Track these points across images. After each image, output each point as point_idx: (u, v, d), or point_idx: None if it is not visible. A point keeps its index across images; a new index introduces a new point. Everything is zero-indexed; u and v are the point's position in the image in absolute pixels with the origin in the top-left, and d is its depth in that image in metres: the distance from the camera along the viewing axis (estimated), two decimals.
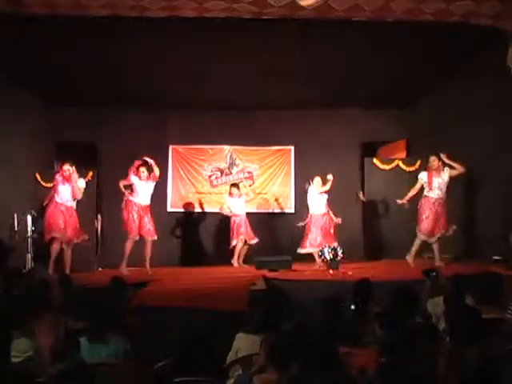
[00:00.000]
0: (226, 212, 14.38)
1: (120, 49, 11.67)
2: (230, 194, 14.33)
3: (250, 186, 15.68)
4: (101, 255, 14.36)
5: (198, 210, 16.04)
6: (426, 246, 13.14)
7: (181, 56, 12.13)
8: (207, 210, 16.00)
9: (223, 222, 14.94)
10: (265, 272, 11.68)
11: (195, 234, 15.85)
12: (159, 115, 15.81)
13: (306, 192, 13.67)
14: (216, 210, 15.15)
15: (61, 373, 4.19)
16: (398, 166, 15.54)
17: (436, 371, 4.93)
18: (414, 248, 12.62)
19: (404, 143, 16.34)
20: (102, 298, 7.29)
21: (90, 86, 13.83)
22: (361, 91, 14.24)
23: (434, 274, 8.48)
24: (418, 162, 15.28)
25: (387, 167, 15.56)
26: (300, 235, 13.53)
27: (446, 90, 13.93)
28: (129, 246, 12.75)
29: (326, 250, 12.38)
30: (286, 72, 12.99)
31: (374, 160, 15.72)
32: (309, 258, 13.23)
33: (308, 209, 13.56)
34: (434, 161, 12.52)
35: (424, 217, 12.50)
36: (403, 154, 16.24)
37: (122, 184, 12.88)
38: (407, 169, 15.42)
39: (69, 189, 12.54)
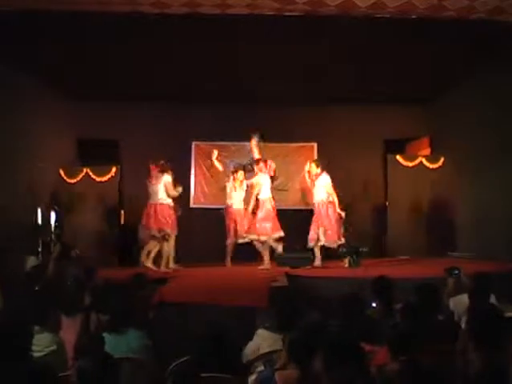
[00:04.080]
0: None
1: (143, 45, 11.69)
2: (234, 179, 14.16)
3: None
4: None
5: (220, 206, 16.02)
6: (448, 244, 13.14)
7: (204, 52, 12.14)
8: None
9: None
10: (286, 269, 11.66)
11: (217, 230, 15.83)
12: (182, 111, 15.86)
13: None
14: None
15: (84, 366, 4.22)
16: (421, 162, 15.47)
17: (457, 370, 4.91)
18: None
19: (428, 140, 16.27)
20: (123, 294, 7.30)
21: (113, 82, 13.90)
22: (384, 87, 14.20)
23: (457, 271, 8.42)
24: (442, 159, 15.22)
25: (410, 164, 15.48)
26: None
27: (470, 86, 13.84)
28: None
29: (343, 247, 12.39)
30: (309, 68, 12.99)
31: (397, 157, 15.65)
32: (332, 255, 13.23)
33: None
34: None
35: None
36: (428, 151, 16.16)
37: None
38: (430, 166, 15.34)
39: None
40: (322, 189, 12.76)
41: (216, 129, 16.06)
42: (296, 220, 15.60)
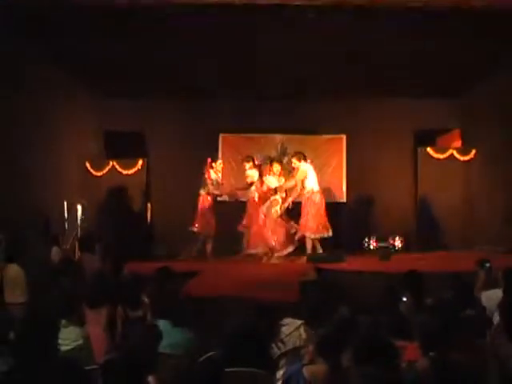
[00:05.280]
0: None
1: (169, 38, 11.64)
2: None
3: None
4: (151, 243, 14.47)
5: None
6: (479, 238, 13.02)
7: (231, 45, 12.08)
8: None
9: None
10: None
11: None
12: (209, 103, 15.77)
13: None
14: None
15: (110, 361, 4.18)
16: (452, 155, 15.31)
17: (489, 365, 4.82)
18: None
19: (459, 132, 16.10)
20: (149, 287, 7.26)
21: (139, 75, 13.87)
22: (414, 80, 14.05)
23: (488, 264, 8.30)
24: (473, 151, 15.05)
25: (441, 156, 15.33)
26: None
27: (500, 78, 13.69)
28: None
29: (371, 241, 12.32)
30: (338, 61, 12.87)
31: (428, 149, 15.49)
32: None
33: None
34: None
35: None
36: (459, 144, 16.01)
37: None
38: (462, 158, 15.19)
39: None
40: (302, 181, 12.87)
41: (244, 121, 15.97)
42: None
